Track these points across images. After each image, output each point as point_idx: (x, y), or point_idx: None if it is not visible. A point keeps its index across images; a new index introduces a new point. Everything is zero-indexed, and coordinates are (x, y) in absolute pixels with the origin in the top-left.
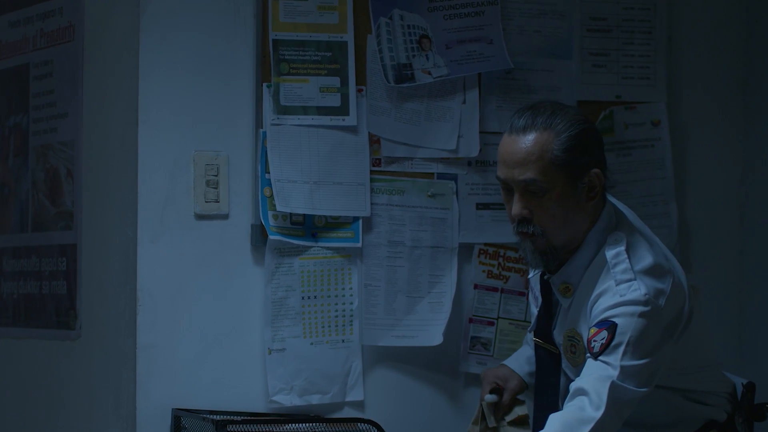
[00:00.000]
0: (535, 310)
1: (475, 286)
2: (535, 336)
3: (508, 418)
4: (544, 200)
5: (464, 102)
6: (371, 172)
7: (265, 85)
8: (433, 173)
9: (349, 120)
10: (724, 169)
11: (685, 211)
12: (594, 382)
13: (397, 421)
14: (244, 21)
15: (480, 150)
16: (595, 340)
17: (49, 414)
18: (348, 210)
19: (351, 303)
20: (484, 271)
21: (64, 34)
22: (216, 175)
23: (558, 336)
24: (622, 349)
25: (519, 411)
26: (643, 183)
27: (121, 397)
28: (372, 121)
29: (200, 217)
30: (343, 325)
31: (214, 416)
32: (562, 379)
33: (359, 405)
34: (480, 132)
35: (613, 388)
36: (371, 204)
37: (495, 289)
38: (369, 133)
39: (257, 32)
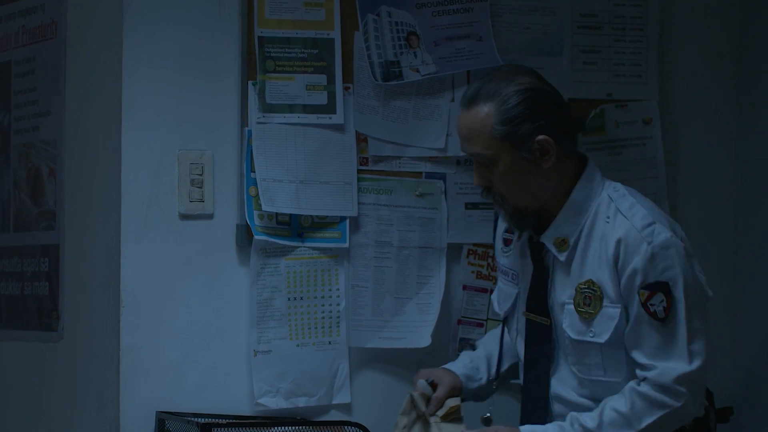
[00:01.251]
0: (511, 290)
1: (464, 287)
2: (526, 310)
3: (440, 412)
4: (495, 171)
5: (453, 100)
6: (358, 171)
7: (250, 82)
8: (421, 172)
9: (336, 118)
10: (717, 168)
11: (677, 210)
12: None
13: (384, 424)
14: (229, 18)
15: None
16: (652, 304)
17: (31, 416)
18: (335, 210)
19: (338, 304)
20: (473, 272)
21: (46, 31)
22: (201, 175)
23: (561, 296)
24: (683, 306)
25: (450, 402)
26: (635, 182)
27: (104, 399)
28: (359, 119)
29: (185, 217)
30: (330, 327)
31: (199, 419)
32: (555, 350)
33: (346, 407)
34: None
35: (690, 383)
36: (358, 204)
37: (484, 290)
38: (356, 131)
39: (242, 29)
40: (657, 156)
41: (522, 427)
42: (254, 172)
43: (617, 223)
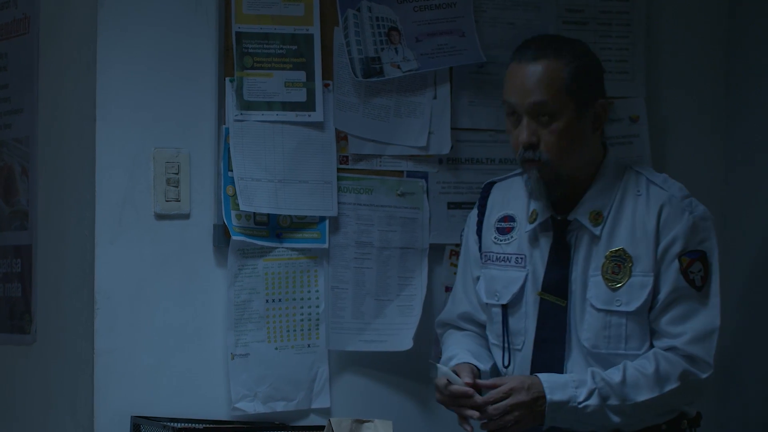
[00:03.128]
0: (518, 274)
1: (447, 289)
2: (543, 290)
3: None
4: (552, 127)
5: (435, 97)
6: (338, 170)
7: (227, 79)
8: (402, 171)
9: (316, 116)
10: (705, 167)
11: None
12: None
13: None
14: (206, 13)
15: (451, 147)
16: (692, 272)
17: (2, 421)
18: (314, 209)
19: (317, 306)
20: (455, 273)
21: (18, 27)
22: (177, 174)
23: (586, 271)
24: (716, 279)
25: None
26: None
27: (77, 403)
28: (339, 117)
29: (160, 216)
30: (309, 330)
31: (175, 424)
32: (568, 334)
33: (326, 412)
34: (451, 128)
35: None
36: (338, 203)
37: None
38: (336, 129)
39: (220, 24)
40: (644, 154)
41: (540, 375)
42: (231, 170)
43: (653, 194)
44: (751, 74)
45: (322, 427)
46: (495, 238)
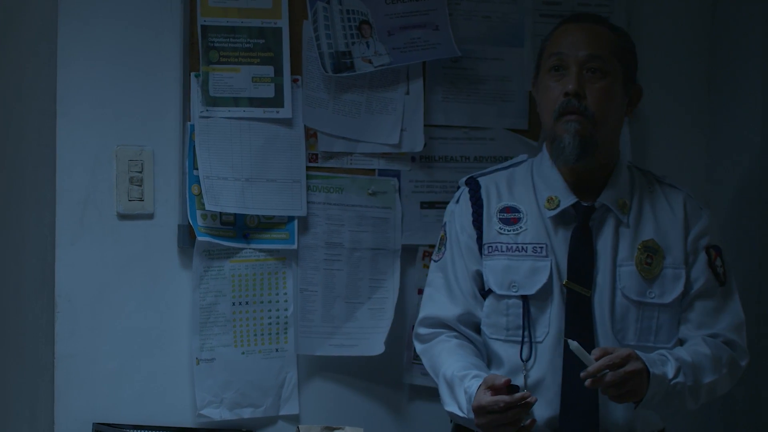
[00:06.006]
0: (543, 263)
1: (420, 291)
2: (568, 279)
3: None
4: (599, 83)
5: (408, 93)
6: (307, 168)
7: (192, 74)
8: (374, 170)
9: (284, 112)
10: (688, 166)
11: None
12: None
13: None
14: (171, 5)
15: (425, 144)
16: (718, 266)
17: None
18: (282, 209)
19: (285, 309)
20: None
21: None
22: (140, 172)
23: (614, 260)
24: (732, 273)
25: None
26: None
27: (37, 410)
28: (308, 113)
29: (123, 216)
30: (277, 333)
31: (138, 431)
32: (597, 321)
33: (294, 419)
34: (425, 125)
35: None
36: (307, 203)
37: None
38: (305, 126)
39: (185, 17)
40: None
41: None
42: (197, 169)
43: (668, 190)
44: (733, 71)
45: None
46: (500, 228)
